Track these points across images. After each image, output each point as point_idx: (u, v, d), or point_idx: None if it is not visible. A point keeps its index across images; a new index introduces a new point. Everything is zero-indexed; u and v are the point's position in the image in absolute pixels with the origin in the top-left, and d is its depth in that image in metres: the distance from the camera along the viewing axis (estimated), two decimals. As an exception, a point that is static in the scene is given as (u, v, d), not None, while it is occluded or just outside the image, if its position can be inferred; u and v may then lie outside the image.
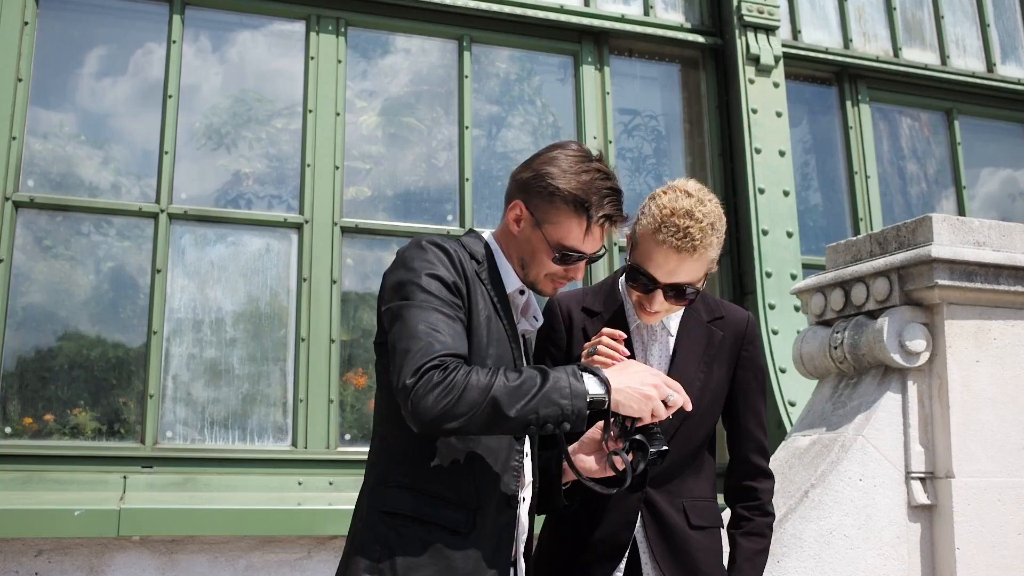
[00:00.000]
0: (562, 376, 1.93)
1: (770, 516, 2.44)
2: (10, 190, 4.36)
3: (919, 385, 3.49)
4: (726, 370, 2.43)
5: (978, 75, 6.39)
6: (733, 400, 2.46)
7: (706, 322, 2.44)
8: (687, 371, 2.37)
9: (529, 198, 2.13)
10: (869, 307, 3.58)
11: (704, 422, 2.39)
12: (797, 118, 5.96)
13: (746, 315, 2.51)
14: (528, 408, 1.89)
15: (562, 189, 2.09)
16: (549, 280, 2.17)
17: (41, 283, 4.44)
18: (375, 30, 5.22)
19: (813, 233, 5.81)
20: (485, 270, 2.14)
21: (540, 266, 2.14)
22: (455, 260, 2.05)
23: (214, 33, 4.97)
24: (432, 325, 1.95)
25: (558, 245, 2.10)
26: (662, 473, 2.31)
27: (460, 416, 1.87)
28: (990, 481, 3.43)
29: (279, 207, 4.83)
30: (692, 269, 2.29)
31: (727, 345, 2.43)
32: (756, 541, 2.40)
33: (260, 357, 4.61)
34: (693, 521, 2.35)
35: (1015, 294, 3.53)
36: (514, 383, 1.89)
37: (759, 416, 2.47)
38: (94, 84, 4.75)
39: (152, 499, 4.10)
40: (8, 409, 4.25)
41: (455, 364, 1.90)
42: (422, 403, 1.87)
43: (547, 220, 2.11)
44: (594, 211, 2.09)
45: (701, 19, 5.78)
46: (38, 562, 3.92)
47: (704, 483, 2.42)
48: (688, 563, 2.32)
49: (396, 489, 2.00)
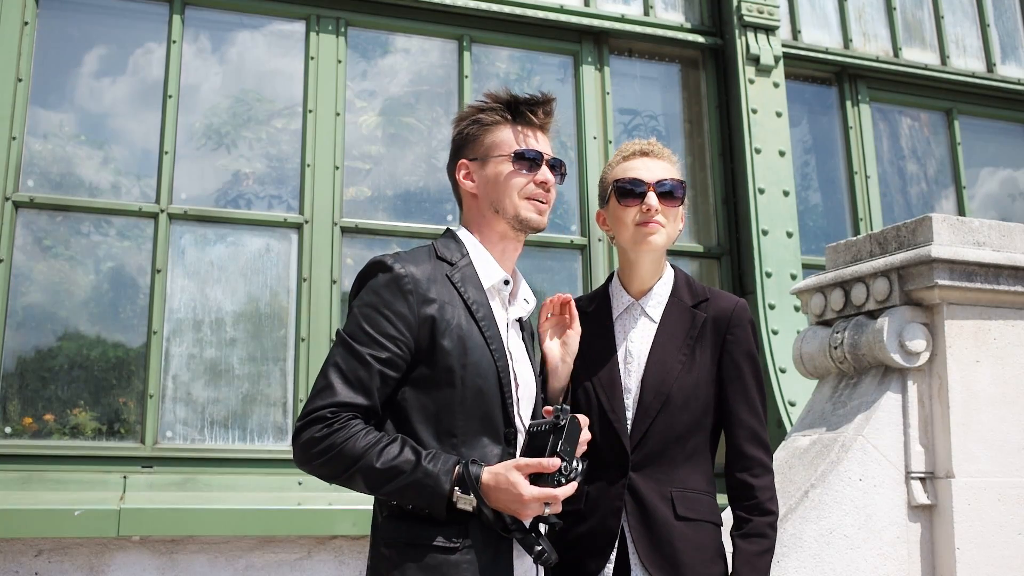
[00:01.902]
0: (431, 475, 1.95)
1: (770, 515, 2.34)
2: (10, 190, 4.36)
3: (919, 385, 3.49)
4: (711, 354, 2.37)
5: (978, 75, 6.39)
6: (722, 387, 2.38)
7: (690, 306, 2.42)
8: (666, 355, 2.36)
9: (465, 150, 2.26)
10: (869, 307, 3.58)
11: (688, 407, 2.33)
12: (797, 118, 5.96)
13: (735, 301, 2.45)
14: (389, 493, 1.98)
15: (481, 117, 2.23)
16: (528, 203, 2.21)
17: (41, 283, 4.44)
18: (375, 30, 5.22)
19: (813, 233, 5.81)
20: (460, 270, 2.16)
21: (510, 189, 2.20)
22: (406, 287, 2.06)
23: (214, 33, 4.97)
24: (346, 367, 2.01)
25: (510, 153, 2.20)
26: (646, 459, 2.30)
27: (326, 477, 2.01)
28: (990, 481, 3.43)
29: (279, 207, 4.83)
30: (667, 168, 2.43)
31: (710, 328, 2.39)
32: (756, 543, 2.30)
33: (260, 357, 4.61)
34: (680, 512, 2.28)
35: (1015, 294, 3.53)
36: (383, 466, 1.94)
37: (751, 403, 2.38)
38: (94, 84, 4.76)
39: (152, 499, 4.10)
40: (8, 409, 4.25)
41: (342, 421, 1.97)
42: (298, 451, 2.00)
43: (488, 150, 2.22)
44: (514, 104, 2.22)
45: (701, 19, 5.78)
46: (38, 562, 3.92)
47: (699, 475, 2.35)
48: (669, 554, 2.24)
49: (389, 520, 2.06)
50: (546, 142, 2.27)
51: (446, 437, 2.05)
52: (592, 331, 2.45)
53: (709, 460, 2.40)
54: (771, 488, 2.36)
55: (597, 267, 5.16)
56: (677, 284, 2.47)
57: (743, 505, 2.34)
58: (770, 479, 2.37)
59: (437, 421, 2.06)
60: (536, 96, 2.25)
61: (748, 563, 2.27)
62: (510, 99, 2.23)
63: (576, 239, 5.21)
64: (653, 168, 2.42)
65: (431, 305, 2.07)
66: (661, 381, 2.33)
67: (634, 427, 2.33)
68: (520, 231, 2.23)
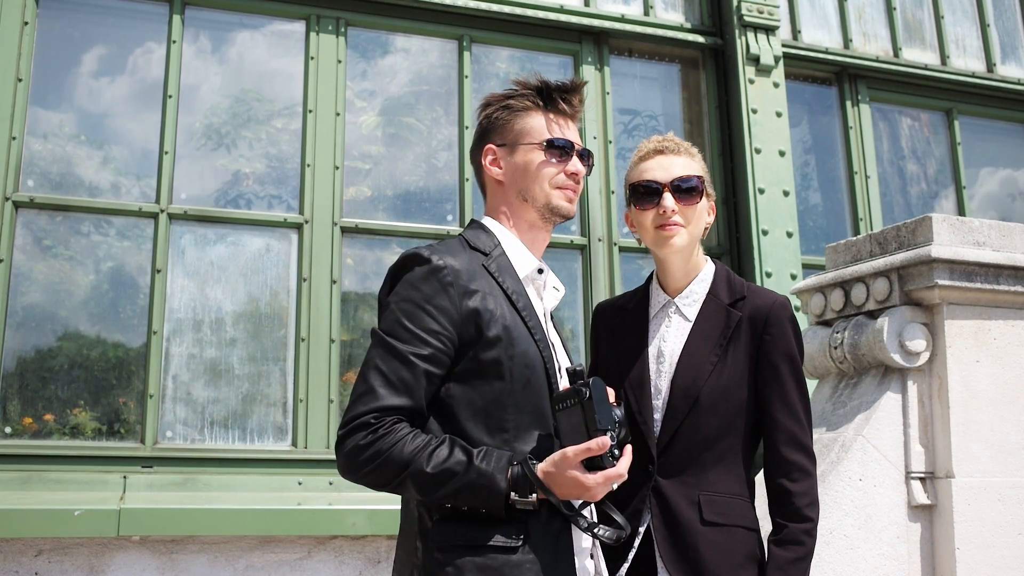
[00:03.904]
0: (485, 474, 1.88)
1: (808, 521, 2.24)
2: (10, 190, 4.36)
3: (919, 385, 3.49)
4: (745, 354, 2.30)
5: (978, 75, 6.39)
6: (760, 389, 2.30)
7: (725, 305, 2.35)
8: (698, 355, 2.30)
9: (492, 136, 2.20)
10: (869, 307, 3.58)
11: (717, 409, 2.26)
12: (797, 118, 5.96)
13: (773, 298, 2.36)
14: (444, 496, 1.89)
15: (511, 103, 2.18)
16: (559, 192, 2.16)
17: (41, 283, 4.44)
18: (375, 30, 5.22)
19: (813, 233, 5.81)
20: (495, 260, 2.10)
21: (540, 179, 2.15)
22: (446, 280, 1.98)
23: (214, 33, 4.97)
24: (387, 368, 1.94)
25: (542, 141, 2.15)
26: (673, 461, 2.25)
27: (375, 485, 1.93)
28: (990, 481, 3.43)
29: (279, 207, 4.83)
30: (684, 164, 2.37)
31: (745, 328, 2.31)
32: (791, 549, 2.22)
33: (260, 357, 4.61)
34: (707, 516, 2.21)
35: (1015, 294, 3.53)
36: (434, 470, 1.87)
37: (789, 405, 2.29)
38: (94, 84, 4.76)
39: (152, 499, 4.10)
40: (8, 409, 4.25)
41: (387, 426, 1.90)
42: (343, 460, 1.93)
43: (519, 136, 2.17)
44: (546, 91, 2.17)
45: (701, 19, 5.78)
46: (38, 562, 3.92)
47: (731, 479, 2.27)
48: (694, 559, 2.18)
49: (442, 523, 1.95)
50: (576, 131, 2.22)
51: (497, 432, 1.97)
52: (628, 329, 2.42)
53: (743, 463, 2.31)
54: (809, 493, 2.27)
55: (597, 267, 5.17)
56: (716, 281, 2.40)
57: (782, 511, 2.26)
58: (809, 483, 2.28)
59: (487, 416, 1.97)
60: (568, 83, 2.20)
61: (780, 570, 2.21)
62: (541, 85, 2.19)
63: (576, 239, 5.21)
64: (669, 166, 2.36)
65: (474, 296, 1.99)
66: (691, 383, 2.27)
67: (662, 429, 2.28)
68: (549, 220, 2.18)
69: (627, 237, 5.30)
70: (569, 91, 2.19)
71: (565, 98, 2.19)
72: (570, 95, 2.19)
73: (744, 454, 2.32)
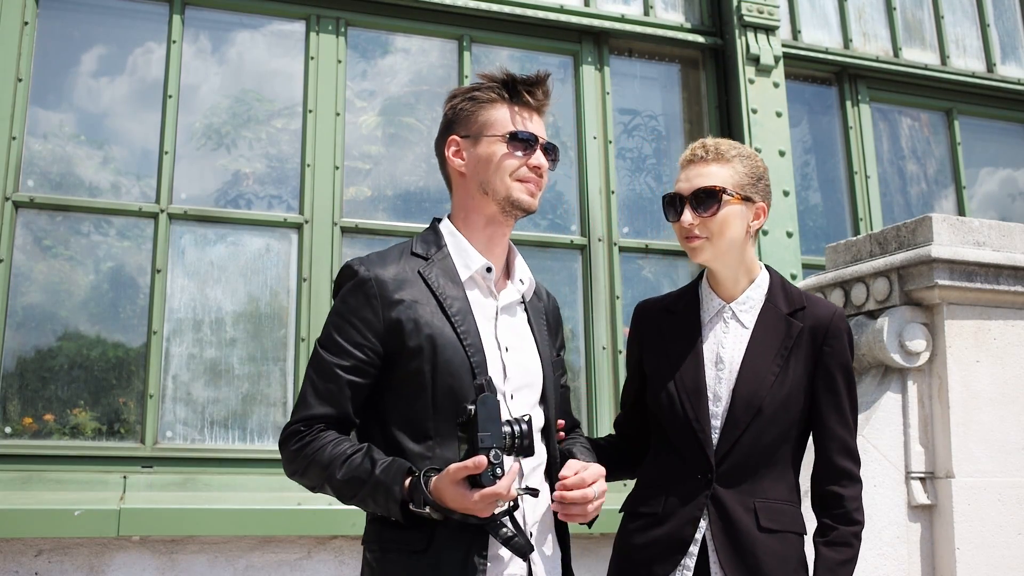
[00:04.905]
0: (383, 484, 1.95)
1: (857, 524, 2.29)
2: (10, 190, 4.36)
3: (919, 385, 3.50)
4: (804, 365, 2.30)
5: (978, 75, 6.39)
6: (816, 398, 2.31)
7: (785, 314, 2.34)
8: (760, 365, 2.28)
9: (456, 127, 2.19)
10: (869, 307, 3.58)
11: (777, 419, 2.27)
12: (797, 118, 5.96)
13: (833, 309, 2.36)
14: (356, 503, 2.02)
15: (476, 95, 2.16)
16: (520, 185, 2.14)
17: (41, 283, 4.44)
18: (375, 30, 5.22)
19: (813, 233, 5.81)
20: (435, 264, 2.12)
21: (501, 171, 2.13)
22: (370, 292, 2.05)
23: (214, 33, 4.97)
24: (317, 379, 2.06)
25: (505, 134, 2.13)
26: (732, 470, 2.25)
27: (309, 488, 2.08)
28: (990, 481, 3.43)
29: (279, 207, 4.83)
30: (711, 172, 2.31)
31: (806, 339, 2.30)
32: (840, 551, 2.25)
33: (260, 357, 4.61)
34: (763, 523, 2.23)
35: (1015, 294, 3.53)
36: (344, 477, 1.98)
37: (844, 416, 2.31)
38: (94, 84, 4.75)
39: (152, 499, 4.10)
40: (8, 409, 4.25)
41: (313, 434, 2.03)
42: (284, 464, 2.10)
43: (482, 128, 2.15)
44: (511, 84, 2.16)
45: (701, 19, 5.78)
46: (38, 562, 3.92)
47: (782, 486, 2.29)
48: (753, 566, 2.20)
49: (370, 523, 2.09)
50: (541, 125, 2.21)
51: (423, 440, 2.04)
52: (679, 333, 2.39)
53: (792, 470, 2.35)
54: (859, 499, 2.32)
55: (597, 267, 5.17)
56: (772, 289, 2.39)
57: (831, 513, 2.30)
58: (858, 489, 2.33)
59: (412, 424, 2.04)
60: (533, 76, 2.19)
61: (831, 571, 2.23)
62: (507, 78, 2.17)
63: (576, 239, 5.21)
64: (694, 177, 2.33)
65: (398, 307, 2.04)
66: (754, 392, 2.27)
67: (722, 438, 2.27)
68: (509, 214, 2.16)
69: (627, 237, 5.30)
70: (533, 84, 2.18)
71: (530, 91, 2.17)
72: (534, 88, 2.17)
73: (794, 460, 2.35)
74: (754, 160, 2.38)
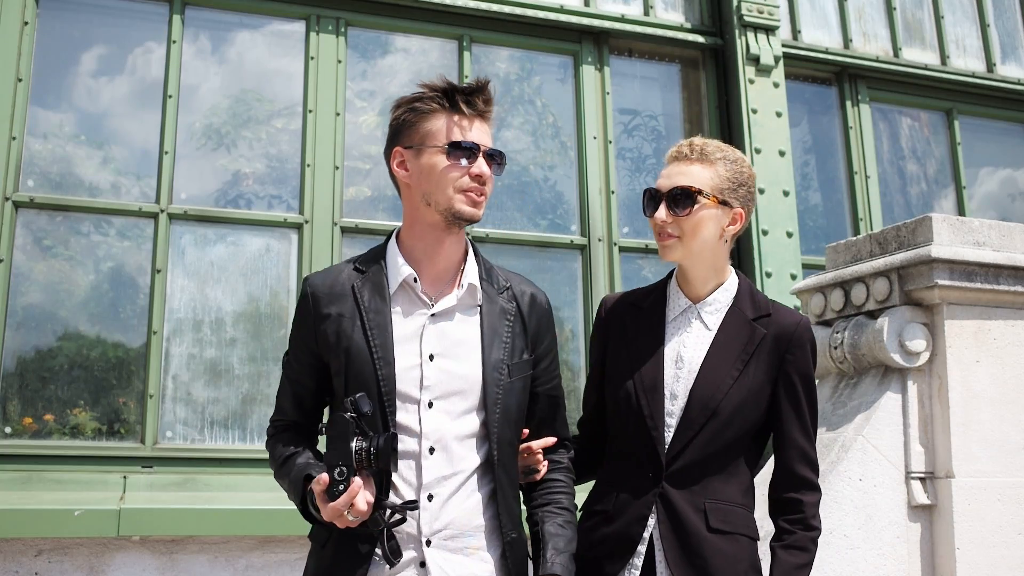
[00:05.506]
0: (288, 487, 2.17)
1: (814, 530, 2.29)
2: (10, 190, 4.36)
3: (919, 385, 3.50)
4: (766, 372, 2.30)
5: (978, 75, 6.39)
6: (777, 406, 2.31)
7: (750, 319, 2.33)
8: (720, 367, 2.28)
9: (400, 138, 2.18)
10: (869, 307, 3.58)
11: (733, 422, 2.26)
12: (797, 118, 5.96)
13: (798, 319, 2.35)
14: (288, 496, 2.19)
15: (417, 105, 2.15)
16: (461, 196, 2.11)
17: (41, 283, 4.44)
18: (375, 30, 5.22)
19: (813, 233, 5.81)
20: (369, 278, 2.14)
21: (443, 182, 2.11)
22: (307, 307, 2.17)
23: (214, 33, 4.97)
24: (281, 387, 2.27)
25: (444, 144, 2.11)
26: (683, 470, 2.24)
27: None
28: (990, 481, 3.43)
29: (279, 207, 4.83)
30: (691, 172, 2.31)
31: (768, 346, 2.30)
32: (796, 555, 2.24)
33: (260, 357, 4.61)
34: (713, 524, 2.22)
35: (1015, 294, 3.53)
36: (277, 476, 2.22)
37: (804, 424, 2.31)
38: (94, 84, 4.76)
39: (152, 499, 4.10)
40: (8, 409, 4.25)
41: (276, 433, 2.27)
42: None
43: (424, 138, 2.14)
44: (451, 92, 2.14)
45: (701, 19, 5.78)
46: (38, 562, 3.92)
47: (735, 488, 2.29)
48: (700, 566, 2.19)
49: None
50: (485, 132, 2.17)
51: None
52: (643, 329, 2.38)
53: (747, 472, 2.34)
54: (816, 506, 2.32)
55: (597, 267, 5.17)
56: (740, 294, 2.38)
57: (789, 519, 2.30)
58: (817, 498, 2.33)
59: None
60: (472, 84, 2.16)
61: (786, 574, 2.23)
62: (447, 87, 2.14)
63: (576, 239, 5.21)
64: (675, 175, 2.32)
65: (326, 321, 2.12)
66: (711, 395, 2.26)
67: (675, 437, 2.26)
68: (453, 223, 2.14)
69: (627, 237, 5.30)
70: (472, 92, 2.15)
71: (468, 100, 2.14)
72: (473, 96, 2.14)
73: (748, 465, 2.34)
74: (739, 165, 2.36)
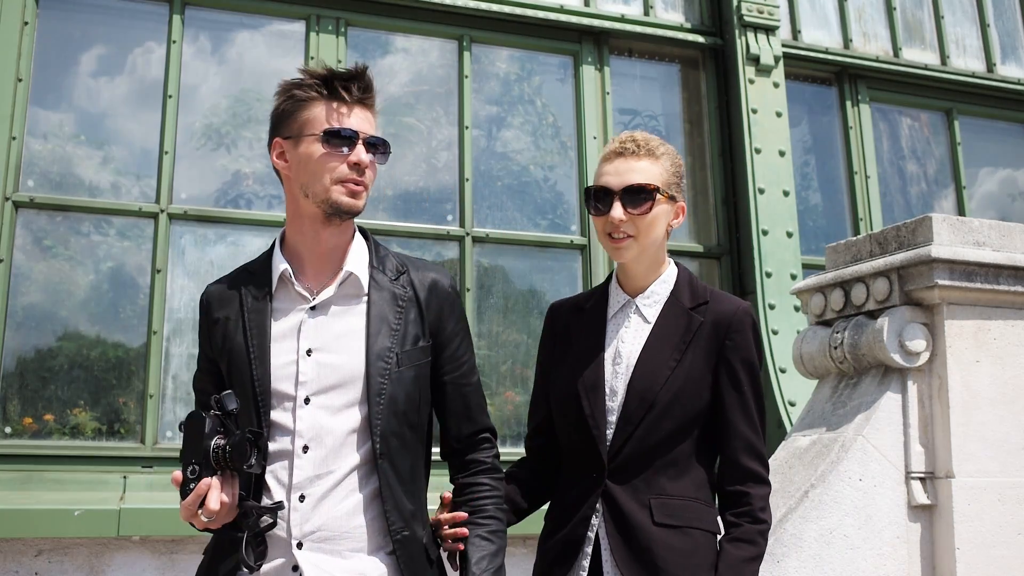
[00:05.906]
0: None
1: (762, 524, 2.21)
2: (10, 190, 4.36)
3: (919, 385, 3.49)
4: (705, 360, 2.23)
5: (978, 75, 6.39)
6: (719, 395, 2.23)
7: (688, 308, 2.28)
8: (657, 359, 2.23)
9: (279, 128, 2.12)
10: (869, 307, 3.58)
11: (671, 413, 2.20)
12: (797, 118, 5.96)
13: (737, 305, 2.29)
14: None
15: (296, 93, 2.08)
16: (339, 187, 2.04)
17: (41, 283, 4.44)
18: (375, 30, 5.22)
19: (813, 233, 5.81)
20: (255, 277, 2.11)
21: (319, 173, 2.03)
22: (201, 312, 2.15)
23: (214, 33, 4.97)
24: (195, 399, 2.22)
25: (320, 132, 2.04)
26: (625, 466, 2.20)
27: None
28: (990, 481, 3.43)
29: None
30: (642, 168, 2.25)
31: (707, 332, 2.24)
32: (744, 548, 2.17)
33: (260, 357, 4.61)
34: (658, 519, 2.16)
35: (1015, 294, 3.53)
36: None
37: (748, 413, 2.24)
38: (94, 84, 4.76)
39: (152, 499, 4.10)
40: (8, 409, 4.25)
41: None
42: None
43: (302, 127, 2.06)
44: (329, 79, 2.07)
45: (701, 19, 5.78)
46: (38, 562, 3.92)
47: (686, 483, 2.22)
48: (649, 561, 2.13)
49: None
50: (365, 119, 2.08)
51: None
52: (584, 329, 2.35)
53: (699, 466, 2.26)
54: (765, 499, 2.24)
55: (597, 267, 5.17)
56: (679, 284, 2.33)
57: (735, 511, 2.22)
58: (766, 490, 2.25)
59: None
60: (351, 70, 2.09)
61: (732, 568, 2.15)
62: (326, 73, 2.07)
63: (576, 239, 5.21)
64: (625, 171, 2.25)
65: (216, 325, 2.09)
66: (648, 387, 2.21)
67: (616, 433, 2.22)
68: (333, 216, 2.06)
69: (627, 237, 5.30)
70: (351, 78, 2.07)
71: (346, 86, 2.05)
72: (351, 82, 2.06)
73: (699, 458, 2.27)
74: (676, 158, 2.35)
